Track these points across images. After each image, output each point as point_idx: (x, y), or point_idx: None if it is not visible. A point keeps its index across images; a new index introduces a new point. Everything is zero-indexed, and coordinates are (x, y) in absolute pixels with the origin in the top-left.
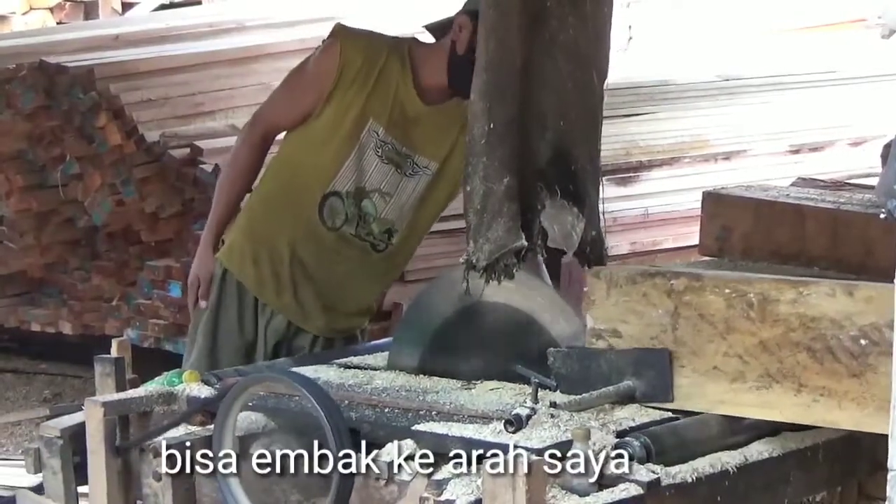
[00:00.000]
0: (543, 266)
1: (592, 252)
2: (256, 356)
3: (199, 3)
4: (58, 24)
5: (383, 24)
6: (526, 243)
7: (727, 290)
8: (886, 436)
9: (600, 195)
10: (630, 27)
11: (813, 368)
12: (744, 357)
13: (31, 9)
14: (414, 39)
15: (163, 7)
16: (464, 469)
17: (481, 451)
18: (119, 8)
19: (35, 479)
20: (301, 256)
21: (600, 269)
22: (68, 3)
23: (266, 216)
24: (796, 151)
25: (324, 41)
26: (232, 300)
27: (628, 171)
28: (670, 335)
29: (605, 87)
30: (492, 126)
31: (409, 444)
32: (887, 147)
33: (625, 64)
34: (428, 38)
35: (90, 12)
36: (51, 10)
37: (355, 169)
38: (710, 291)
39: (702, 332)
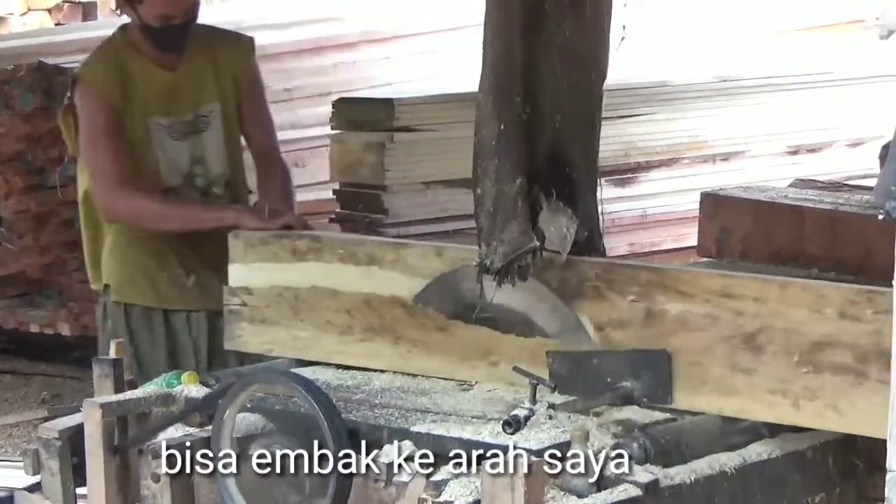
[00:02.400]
0: None
1: (585, 252)
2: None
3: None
4: (56, 25)
5: (383, 24)
6: (538, 244)
7: (341, 251)
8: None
9: (598, 196)
10: (624, 27)
11: (407, 322)
12: (351, 312)
13: (29, 10)
14: (121, 28)
15: None
16: (463, 470)
17: (480, 452)
18: None
19: (32, 480)
20: (180, 248)
21: (239, 231)
22: (67, 4)
23: (129, 241)
24: (795, 152)
25: (71, 96)
26: (144, 332)
27: (627, 172)
28: (292, 292)
29: (603, 88)
30: (502, 127)
31: (407, 445)
32: (885, 148)
33: (622, 64)
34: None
35: (89, 13)
36: (49, 11)
37: (168, 160)
38: (327, 252)
39: (318, 289)
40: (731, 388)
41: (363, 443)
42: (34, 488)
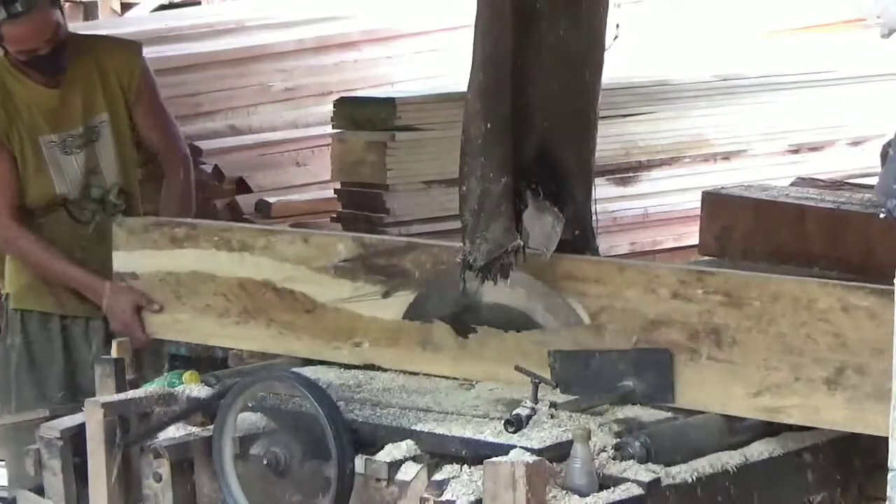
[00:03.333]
0: None
1: (575, 250)
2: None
3: (199, 3)
4: None
5: (384, 23)
6: (522, 242)
7: (216, 238)
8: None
9: (592, 195)
10: (617, 26)
11: (278, 305)
12: (227, 296)
13: None
14: (4, 52)
15: (162, 7)
16: (464, 469)
17: (482, 452)
18: (118, 9)
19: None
20: (79, 256)
21: (123, 219)
22: (67, 4)
23: None
24: (796, 151)
25: None
26: (41, 340)
27: (627, 171)
28: (174, 276)
29: (601, 87)
30: (488, 126)
31: (409, 445)
32: (886, 146)
33: (623, 63)
34: None
35: (89, 13)
36: None
37: (63, 175)
38: (203, 239)
39: (198, 274)
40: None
41: (365, 442)
42: (36, 488)
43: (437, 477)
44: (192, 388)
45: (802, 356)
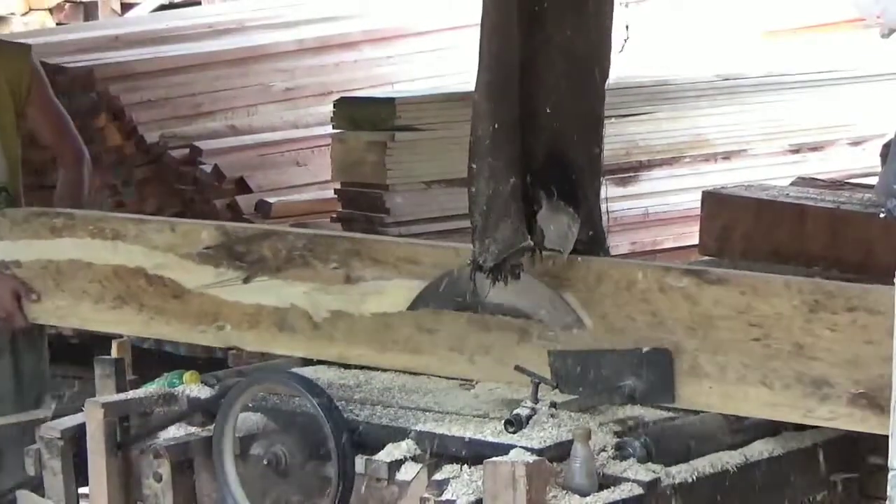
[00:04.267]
0: None
1: (588, 250)
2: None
3: (199, 3)
4: (57, 24)
5: (385, 23)
6: (532, 244)
7: (91, 227)
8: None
9: (602, 195)
10: (627, 27)
11: (149, 291)
12: (103, 282)
13: (30, 9)
14: None
15: (162, 8)
16: (464, 469)
17: (482, 452)
18: (118, 9)
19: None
20: None
21: (5, 210)
22: (67, 4)
23: None
24: (796, 151)
25: None
26: None
27: (628, 171)
28: (54, 265)
29: (606, 86)
30: (496, 126)
31: (409, 445)
32: (887, 146)
33: (624, 63)
34: None
35: (90, 13)
36: (50, 10)
37: None
38: (80, 228)
39: (75, 261)
40: (416, 347)
41: (364, 442)
42: (36, 488)
43: (438, 477)
44: (192, 388)
45: (624, 335)
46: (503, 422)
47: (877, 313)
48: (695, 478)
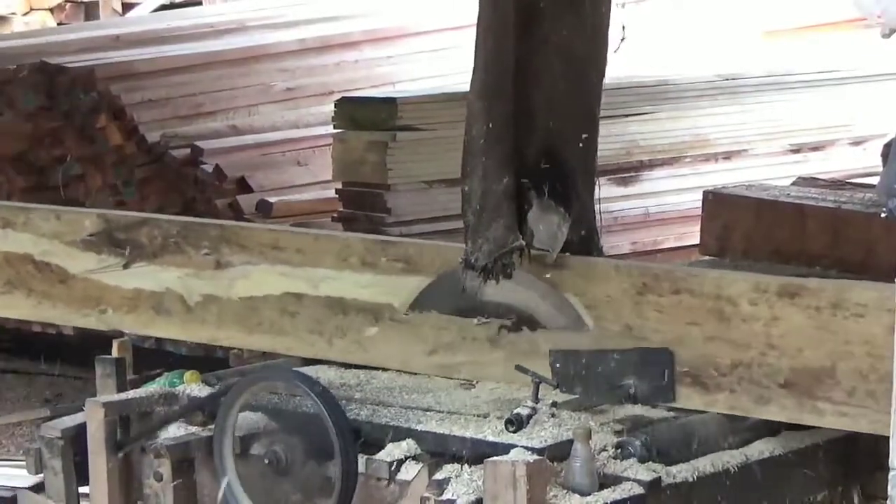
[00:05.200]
0: None
1: (581, 250)
2: None
3: (200, 3)
4: (58, 24)
5: (386, 23)
6: (524, 243)
7: None
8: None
9: (596, 195)
10: (623, 27)
11: (37, 277)
12: None
13: (31, 9)
14: None
15: (163, 7)
16: (465, 469)
17: (482, 451)
18: (119, 8)
19: (35, 479)
20: None
21: None
22: (69, 4)
23: None
24: (797, 151)
25: None
26: None
27: (629, 171)
28: None
29: (603, 86)
30: (490, 126)
31: (410, 444)
32: (887, 146)
33: (625, 63)
34: None
35: (90, 13)
36: (51, 10)
37: None
38: None
39: None
40: (281, 329)
41: (366, 441)
42: (37, 488)
43: (438, 476)
44: (193, 387)
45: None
46: (503, 421)
47: (700, 295)
48: (695, 477)
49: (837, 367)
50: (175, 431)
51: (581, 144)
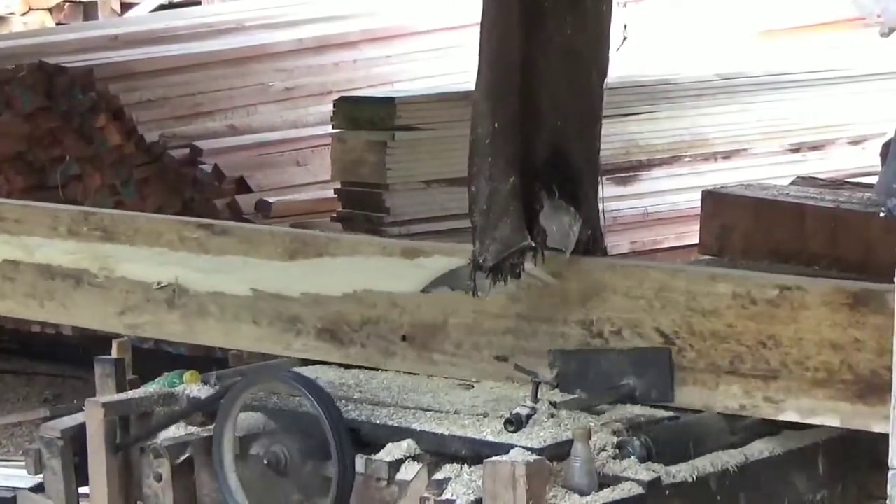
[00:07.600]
0: None
1: (590, 250)
2: None
3: (198, 3)
4: (57, 24)
5: (384, 23)
6: (532, 243)
7: None
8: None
9: (600, 194)
10: (625, 27)
11: None
12: None
13: (30, 9)
14: None
15: (162, 7)
16: (464, 469)
17: (482, 451)
18: (118, 8)
19: (35, 479)
20: None
21: None
22: (67, 4)
23: None
24: (796, 150)
25: None
26: None
27: (628, 170)
28: None
29: (604, 86)
30: (496, 126)
31: (409, 444)
32: (886, 146)
33: (624, 62)
34: None
35: (89, 13)
36: (50, 10)
37: None
38: None
39: None
40: (3, 293)
41: (365, 442)
42: (37, 488)
43: (438, 476)
44: (192, 388)
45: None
46: (503, 421)
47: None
48: (695, 477)
49: (448, 323)
50: (174, 432)
51: (586, 144)
